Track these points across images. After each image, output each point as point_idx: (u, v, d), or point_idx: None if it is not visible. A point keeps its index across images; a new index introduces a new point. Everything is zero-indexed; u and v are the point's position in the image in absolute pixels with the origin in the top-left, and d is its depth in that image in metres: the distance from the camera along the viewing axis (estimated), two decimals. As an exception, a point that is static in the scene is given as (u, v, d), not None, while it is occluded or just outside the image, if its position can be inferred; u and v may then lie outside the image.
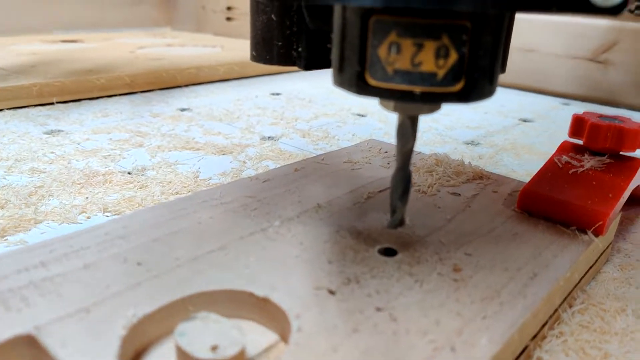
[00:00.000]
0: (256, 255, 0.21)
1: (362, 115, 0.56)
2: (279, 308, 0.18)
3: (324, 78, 0.76)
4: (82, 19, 1.07)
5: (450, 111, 0.59)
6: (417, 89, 0.17)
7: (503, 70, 0.24)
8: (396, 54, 0.17)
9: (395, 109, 0.20)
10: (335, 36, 0.19)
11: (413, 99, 0.17)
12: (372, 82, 0.18)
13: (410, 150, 0.21)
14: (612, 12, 0.16)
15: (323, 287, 0.19)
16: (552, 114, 0.61)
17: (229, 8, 1.07)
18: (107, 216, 0.30)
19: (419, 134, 0.21)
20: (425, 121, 0.54)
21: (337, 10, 0.19)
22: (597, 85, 0.68)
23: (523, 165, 0.42)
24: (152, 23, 1.17)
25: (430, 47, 0.17)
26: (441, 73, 0.17)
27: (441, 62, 0.17)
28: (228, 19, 1.07)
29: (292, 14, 0.24)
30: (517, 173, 0.40)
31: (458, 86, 0.17)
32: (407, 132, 0.21)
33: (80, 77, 0.56)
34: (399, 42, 0.17)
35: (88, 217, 0.30)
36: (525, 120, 0.57)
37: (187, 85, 0.66)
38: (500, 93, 0.72)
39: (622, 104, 0.65)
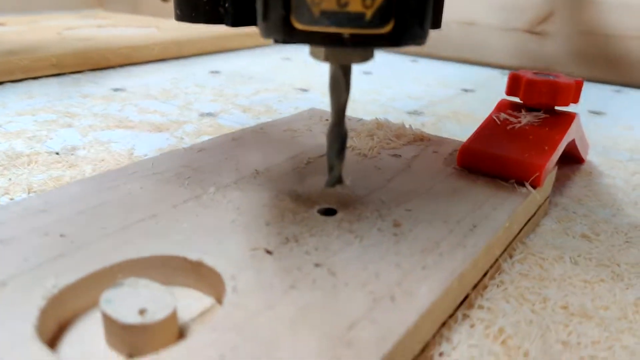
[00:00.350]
0: (189, 222, 0.20)
1: (305, 90, 0.55)
2: (214, 270, 0.17)
3: (266, 55, 0.75)
4: (5, 2, 0.99)
5: (393, 83, 0.59)
6: (346, 31, 0.16)
7: (438, 25, 0.24)
8: (323, -2, 0.16)
9: (326, 58, 0.19)
10: (260, -17, 0.18)
11: (342, 43, 0.16)
12: (298, 26, 0.17)
13: (344, 104, 0.21)
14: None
15: (260, 247, 0.18)
16: (491, 83, 0.63)
17: (165, -12, 1.02)
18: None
19: (362, 105, 0.20)
20: (368, 93, 0.54)
21: (260, -45, 0.18)
22: (534, 56, 0.70)
23: (464, 130, 0.43)
24: (81, 5, 1.10)
25: (357, -11, 0.16)
26: (369, 13, 0.16)
27: (368, 1, 0.16)
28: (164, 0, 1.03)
29: (218, -32, 0.23)
30: (458, 137, 0.40)
31: (387, 28, 0.17)
32: (339, 84, 0.20)
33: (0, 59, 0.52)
34: (325, -16, 0.16)
35: (11, 199, 0.28)
36: (466, 90, 0.58)
37: (120, 66, 0.62)
38: (442, 66, 0.73)
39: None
